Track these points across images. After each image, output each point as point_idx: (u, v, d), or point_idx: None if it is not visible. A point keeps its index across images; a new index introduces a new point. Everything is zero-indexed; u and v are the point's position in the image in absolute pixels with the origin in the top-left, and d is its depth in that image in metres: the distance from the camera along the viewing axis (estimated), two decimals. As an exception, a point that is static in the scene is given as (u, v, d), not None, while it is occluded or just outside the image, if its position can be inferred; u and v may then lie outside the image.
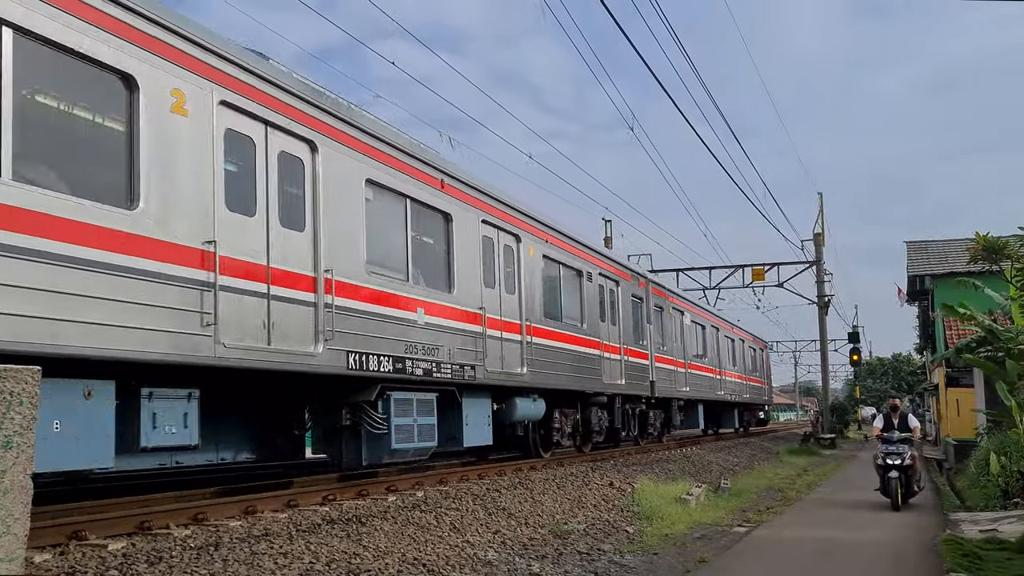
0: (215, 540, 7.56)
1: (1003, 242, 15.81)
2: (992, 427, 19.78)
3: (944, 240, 35.68)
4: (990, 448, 17.21)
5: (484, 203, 14.08)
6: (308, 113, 9.97)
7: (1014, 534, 10.17)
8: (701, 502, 14.49)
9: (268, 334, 9.05)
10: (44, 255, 6.69)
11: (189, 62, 8.32)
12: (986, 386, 22.37)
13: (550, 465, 16.18)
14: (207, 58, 8.55)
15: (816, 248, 39.23)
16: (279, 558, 7.26)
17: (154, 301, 7.62)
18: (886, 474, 14.14)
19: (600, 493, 13.61)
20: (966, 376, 26.79)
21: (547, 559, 9.15)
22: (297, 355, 9.49)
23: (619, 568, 9.01)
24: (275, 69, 9.77)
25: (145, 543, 7.34)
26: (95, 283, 7.09)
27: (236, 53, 9.03)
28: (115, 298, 7.25)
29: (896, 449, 14.17)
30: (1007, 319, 18.69)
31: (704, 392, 28.78)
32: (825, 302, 39.20)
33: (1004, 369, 16.86)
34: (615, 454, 19.96)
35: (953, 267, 31.03)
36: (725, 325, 34.48)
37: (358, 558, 7.80)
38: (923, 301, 39.70)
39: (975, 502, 15.94)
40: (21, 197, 6.60)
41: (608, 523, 11.77)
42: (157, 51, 7.95)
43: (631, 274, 22.15)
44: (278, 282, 9.26)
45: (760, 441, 33.88)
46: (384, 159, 11.51)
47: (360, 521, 8.96)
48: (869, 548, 10.30)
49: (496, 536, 9.82)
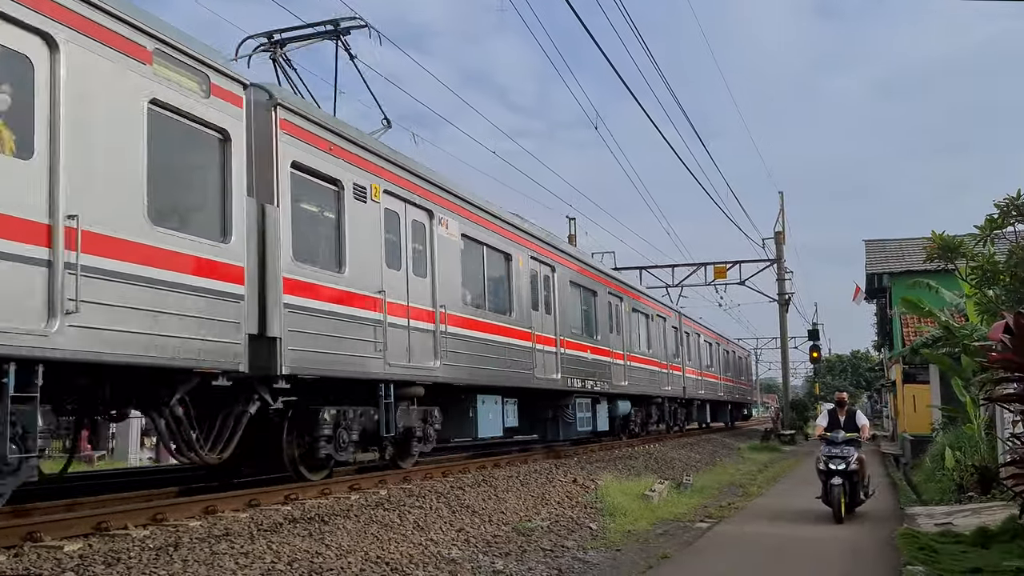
0: (174, 540, 7.46)
1: (958, 241, 16.05)
2: (947, 423, 20.15)
3: (901, 239, 36.27)
4: (945, 443, 17.55)
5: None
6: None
7: (968, 527, 10.37)
8: (664, 498, 14.59)
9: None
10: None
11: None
12: (942, 382, 22.78)
13: (513, 463, 16.19)
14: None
15: (777, 246, 39.71)
16: (240, 558, 7.18)
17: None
18: (828, 481, 12.44)
19: (564, 490, 13.65)
20: (923, 372, 27.25)
21: (511, 556, 9.16)
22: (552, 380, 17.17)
23: (582, 564, 9.05)
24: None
25: (102, 544, 7.22)
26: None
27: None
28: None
29: (840, 452, 12.51)
30: (962, 316, 19.03)
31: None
32: (786, 300, 39.70)
33: (959, 365, 17.17)
34: (579, 451, 20.02)
35: (910, 265, 31.55)
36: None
37: (320, 557, 7.75)
38: (881, 299, 40.36)
39: (931, 496, 16.24)
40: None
41: (572, 520, 11.80)
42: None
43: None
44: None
45: (722, 438, 34.19)
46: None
47: (323, 520, 8.90)
48: (829, 543, 10.44)
49: (460, 534, 9.81)
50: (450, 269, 13.87)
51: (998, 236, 15.54)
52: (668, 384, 28.79)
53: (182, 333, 8.27)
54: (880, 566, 8.92)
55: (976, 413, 16.31)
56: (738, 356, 48.39)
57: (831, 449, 12.57)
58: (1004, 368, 6.24)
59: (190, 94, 8.66)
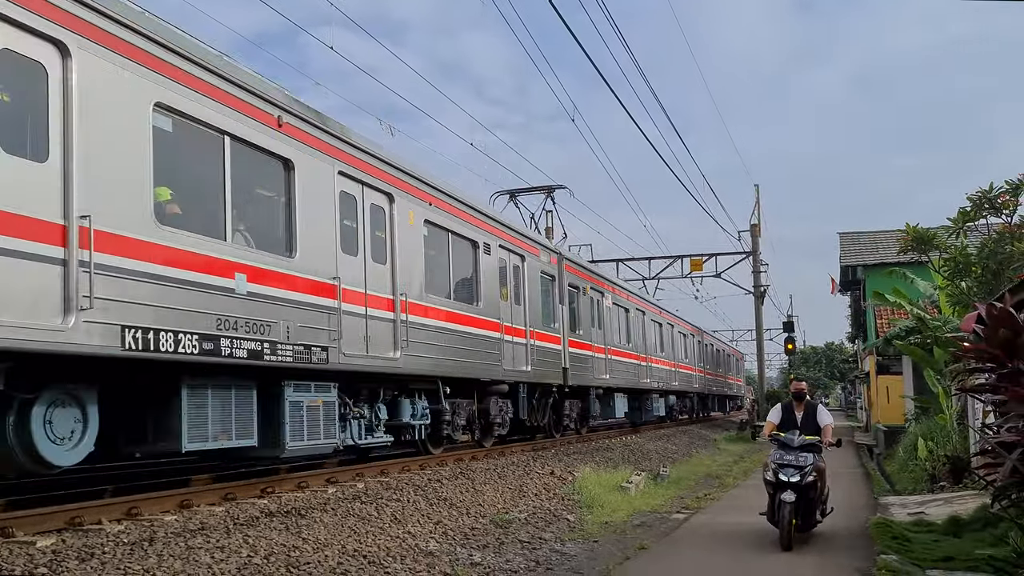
0: (149, 535, 7.40)
1: (932, 233, 16.24)
2: (920, 413, 20.38)
3: (876, 231, 36.61)
4: (918, 433, 17.76)
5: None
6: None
7: (940, 516, 10.50)
8: (641, 490, 14.66)
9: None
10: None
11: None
12: (915, 373, 23.02)
13: (491, 455, 16.17)
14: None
15: (752, 239, 39.90)
16: (216, 552, 7.14)
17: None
18: (777, 495, 9.61)
19: (541, 482, 13.68)
20: (896, 364, 27.52)
21: (488, 548, 9.17)
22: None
23: (560, 556, 9.07)
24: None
25: (76, 539, 7.15)
26: None
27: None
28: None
29: (795, 460, 9.63)
30: (935, 308, 19.25)
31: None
32: (761, 292, 39.93)
33: (932, 356, 17.37)
34: (548, 445, 20.06)
35: (884, 258, 31.84)
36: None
37: (297, 551, 7.71)
38: (855, 291, 40.72)
39: (904, 486, 16.42)
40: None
41: (549, 512, 11.83)
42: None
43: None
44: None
45: (699, 429, 34.41)
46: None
47: (299, 513, 8.87)
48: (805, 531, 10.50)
49: (437, 527, 9.80)
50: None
51: (970, 229, 15.74)
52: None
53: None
54: (854, 555, 8.99)
55: (948, 403, 16.50)
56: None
57: (783, 455, 9.72)
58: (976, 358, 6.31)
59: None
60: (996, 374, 6.15)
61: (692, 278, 41.82)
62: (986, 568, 7.25)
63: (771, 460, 9.83)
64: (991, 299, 9.34)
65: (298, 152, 10.66)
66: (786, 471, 9.52)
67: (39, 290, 7.18)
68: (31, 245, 7.19)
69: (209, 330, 8.84)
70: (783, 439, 9.90)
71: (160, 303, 8.29)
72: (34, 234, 7.24)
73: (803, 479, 9.45)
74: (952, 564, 8.03)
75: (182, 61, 8.98)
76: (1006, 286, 10.98)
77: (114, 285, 7.83)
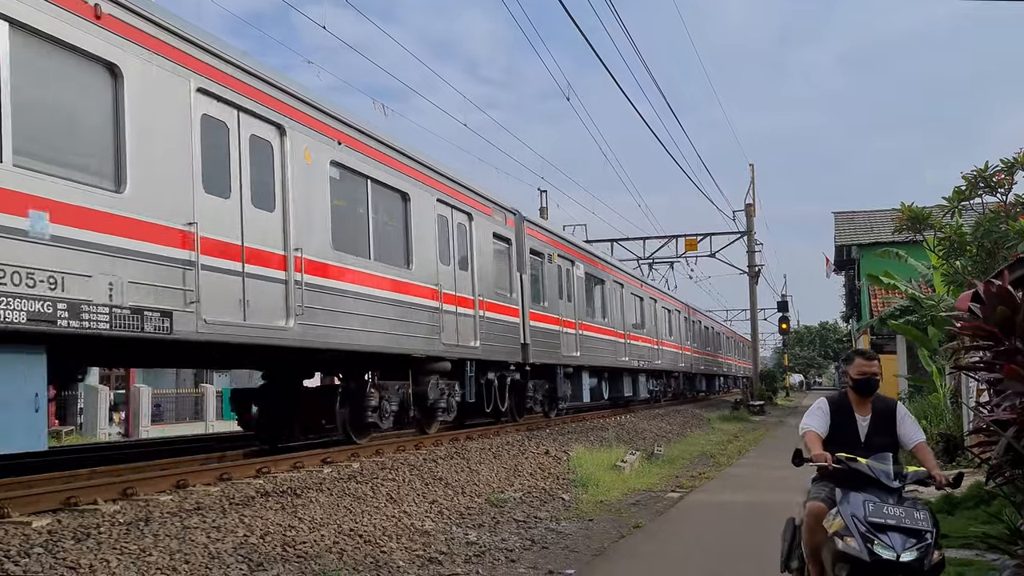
0: (145, 515, 7.40)
1: (927, 212, 16.25)
2: (914, 392, 20.47)
3: (870, 211, 36.60)
4: (912, 412, 17.81)
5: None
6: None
7: (934, 495, 10.54)
8: (635, 469, 14.71)
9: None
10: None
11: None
12: (908, 352, 23.11)
13: (487, 435, 16.17)
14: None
15: (747, 219, 39.94)
16: (212, 532, 7.14)
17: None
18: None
19: (536, 462, 13.71)
20: (890, 343, 27.62)
21: (484, 528, 9.20)
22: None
23: (555, 535, 9.10)
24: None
25: (71, 519, 7.14)
26: None
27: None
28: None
29: (903, 516, 4.67)
30: (929, 287, 19.28)
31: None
32: (756, 272, 40.00)
33: (926, 336, 17.41)
34: (550, 423, 20.09)
35: (879, 237, 31.85)
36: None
37: (293, 530, 7.72)
38: (849, 270, 40.81)
39: (897, 464, 16.48)
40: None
41: (544, 491, 11.87)
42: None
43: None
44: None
45: (692, 408, 34.52)
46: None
47: (295, 493, 8.87)
48: (797, 509, 10.55)
49: (433, 506, 9.82)
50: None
51: (966, 208, 15.74)
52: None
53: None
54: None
55: (942, 382, 16.56)
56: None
57: (875, 502, 4.75)
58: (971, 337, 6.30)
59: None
60: (992, 352, 6.14)
61: (687, 258, 41.89)
62: (980, 545, 7.28)
63: (847, 513, 4.74)
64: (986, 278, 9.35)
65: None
66: (892, 539, 4.58)
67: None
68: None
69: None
70: (870, 470, 4.92)
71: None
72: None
73: (925, 558, 4.59)
74: (946, 542, 8.06)
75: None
76: (1001, 265, 10.99)
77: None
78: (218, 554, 6.75)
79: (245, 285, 9.59)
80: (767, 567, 7.32)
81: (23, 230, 7.00)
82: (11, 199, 6.94)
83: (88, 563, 5.96)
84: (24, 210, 7.03)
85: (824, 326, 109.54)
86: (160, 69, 8.64)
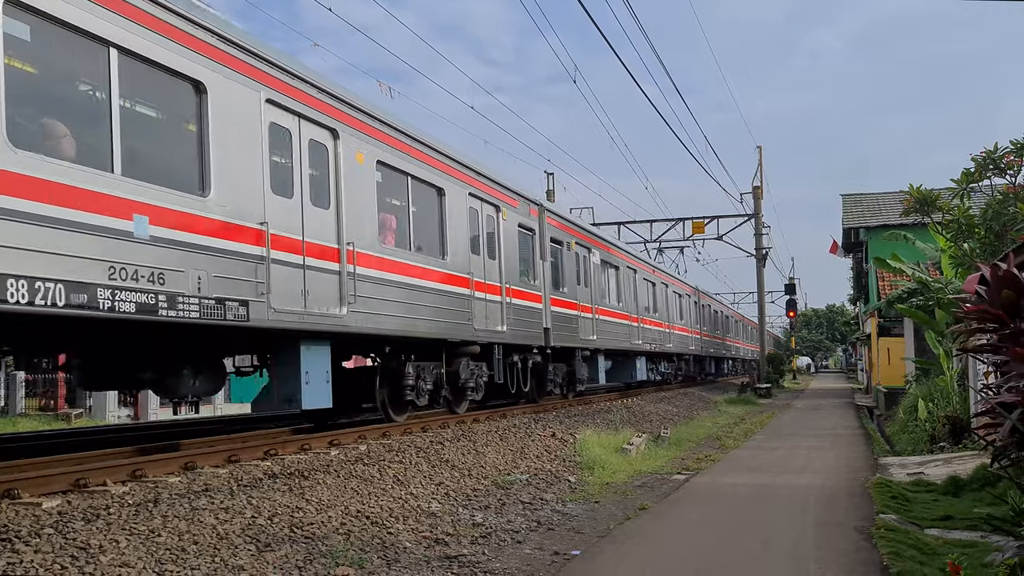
0: (154, 496, 7.46)
1: (935, 195, 16.18)
2: (921, 375, 20.46)
3: (878, 193, 36.47)
4: (918, 395, 17.84)
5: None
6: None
7: (940, 476, 10.57)
8: (641, 451, 14.76)
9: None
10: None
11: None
12: (916, 335, 23.08)
13: (493, 417, 16.23)
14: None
15: (755, 201, 39.83)
16: (220, 513, 7.19)
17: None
18: None
19: (542, 444, 13.76)
20: (897, 326, 27.58)
21: (490, 509, 9.24)
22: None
23: (561, 517, 9.14)
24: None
25: (81, 500, 7.21)
26: None
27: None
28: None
29: None
30: (937, 270, 19.22)
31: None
32: (763, 254, 39.90)
33: (933, 318, 17.38)
34: (556, 405, 20.15)
35: (887, 219, 31.75)
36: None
37: (301, 512, 7.78)
38: (857, 253, 40.67)
39: (904, 447, 16.53)
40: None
41: (550, 473, 11.91)
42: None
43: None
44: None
45: (699, 391, 34.54)
46: None
47: (303, 475, 8.93)
48: (803, 492, 10.59)
49: (439, 488, 9.88)
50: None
51: (974, 190, 15.67)
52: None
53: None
54: (854, 515, 9.06)
55: (949, 365, 16.54)
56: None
57: None
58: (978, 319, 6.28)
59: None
60: (998, 335, 6.12)
61: (694, 240, 41.82)
62: (985, 527, 7.30)
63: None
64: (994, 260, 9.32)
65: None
66: None
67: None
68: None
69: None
70: None
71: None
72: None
73: None
74: (951, 523, 8.10)
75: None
76: (1009, 247, 10.95)
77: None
78: (226, 535, 6.81)
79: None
80: (773, 549, 7.36)
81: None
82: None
83: (98, 543, 6.01)
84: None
85: (831, 309, 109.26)
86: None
